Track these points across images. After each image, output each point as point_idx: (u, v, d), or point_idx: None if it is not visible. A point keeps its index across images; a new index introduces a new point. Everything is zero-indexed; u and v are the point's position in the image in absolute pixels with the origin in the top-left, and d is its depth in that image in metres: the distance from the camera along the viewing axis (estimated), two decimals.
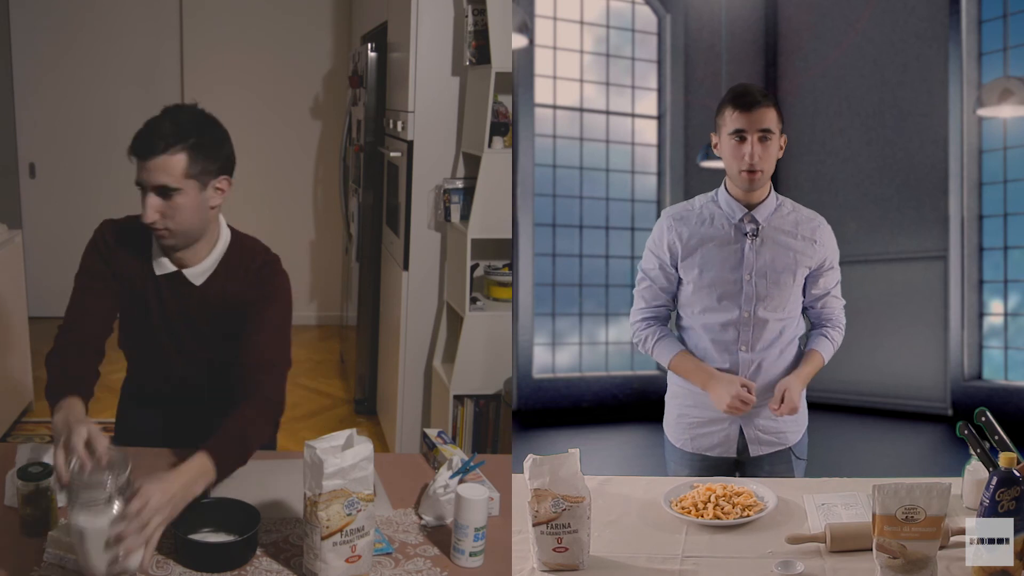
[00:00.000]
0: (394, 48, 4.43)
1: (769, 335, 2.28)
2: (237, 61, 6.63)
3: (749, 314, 2.26)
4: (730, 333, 2.28)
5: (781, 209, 2.29)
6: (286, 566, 1.78)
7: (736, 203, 2.27)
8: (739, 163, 2.22)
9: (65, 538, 1.69)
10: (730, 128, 2.22)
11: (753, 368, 2.28)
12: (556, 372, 7.84)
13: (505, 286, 3.95)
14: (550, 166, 7.94)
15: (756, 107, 2.19)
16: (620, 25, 8.22)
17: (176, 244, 2.11)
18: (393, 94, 4.47)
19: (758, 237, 2.25)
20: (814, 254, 2.29)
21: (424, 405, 4.27)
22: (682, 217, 2.31)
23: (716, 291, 2.27)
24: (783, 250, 2.27)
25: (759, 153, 2.20)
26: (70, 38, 6.52)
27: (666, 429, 2.41)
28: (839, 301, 2.37)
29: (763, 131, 2.19)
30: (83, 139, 6.63)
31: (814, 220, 2.31)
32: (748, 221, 2.26)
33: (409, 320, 4.15)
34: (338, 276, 6.55)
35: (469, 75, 3.88)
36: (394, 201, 4.33)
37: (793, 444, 2.33)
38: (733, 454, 2.32)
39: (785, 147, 2.27)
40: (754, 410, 2.28)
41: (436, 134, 4.00)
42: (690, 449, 2.34)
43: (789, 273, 2.27)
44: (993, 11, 6.78)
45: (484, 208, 3.70)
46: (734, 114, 2.21)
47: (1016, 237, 6.71)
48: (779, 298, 2.27)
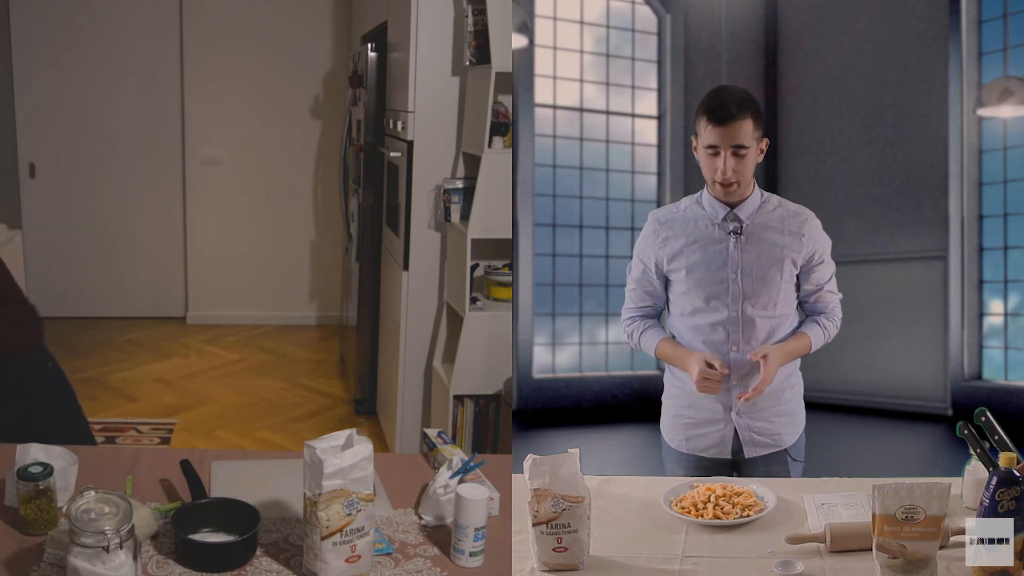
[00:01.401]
0: (394, 48, 4.43)
1: (760, 334, 2.27)
2: (237, 61, 6.63)
3: (737, 313, 2.26)
4: (720, 333, 2.27)
5: (766, 206, 2.29)
6: (286, 566, 1.78)
7: (718, 203, 2.27)
8: (713, 175, 2.23)
9: (65, 538, 1.69)
10: (704, 141, 2.22)
11: (746, 369, 2.27)
12: (556, 372, 7.84)
13: (505, 286, 3.95)
14: (550, 166, 7.93)
15: (730, 121, 2.17)
16: (620, 25, 8.21)
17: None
18: (393, 94, 4.47)
19: (742, 235, 2.25)
20: (801, 248, 2.27)
21: (424, 405, 4.27)
22: (667, 220, 2.32)
23: (703, 291, 2.27)
24: (769, 246, 2.26)
25: (732, 167, 2.20)
26: (70, 38, 6.52)
27: (662, 430, 2.41)
28: (835, 295, 2.35)
29: (736, 147, 2.19)
30: (83, 139, 6.63)
31: (801, 214, 2.30)
32: (731, 219, 2.26)
33: (409, 320, 4.15)
34: (338, 276, 6.55)
35: (469, 75, 3.88)
36: (394, 201, 4.33)
37: (789, 446, 2.33)
38: (728, 455, 2.31)
39: (767, 148, 2.26)
40: (748, 411, 2.28)
41: (436, 134, 4.00)
42: (685, 450, 2.34)
43: (776, 270, 2.26)
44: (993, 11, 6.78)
45: (484, 208, 3.70)
46: (708, 127, 2.20)
47: (1016, 237, 6.71)
48: (767, 296, 2.26)
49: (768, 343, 2.28)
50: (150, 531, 1.84)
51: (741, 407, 2.28)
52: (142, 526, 1.77)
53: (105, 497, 1.64)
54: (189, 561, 1.75)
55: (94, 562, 1.58)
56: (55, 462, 1.92)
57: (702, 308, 2.28)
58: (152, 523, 1.85)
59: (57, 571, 1.70)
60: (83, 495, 1.64)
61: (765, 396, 2.26)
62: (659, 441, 2.44)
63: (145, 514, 1.83)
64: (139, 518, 1.73)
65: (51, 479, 1.85)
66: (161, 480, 2.09)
